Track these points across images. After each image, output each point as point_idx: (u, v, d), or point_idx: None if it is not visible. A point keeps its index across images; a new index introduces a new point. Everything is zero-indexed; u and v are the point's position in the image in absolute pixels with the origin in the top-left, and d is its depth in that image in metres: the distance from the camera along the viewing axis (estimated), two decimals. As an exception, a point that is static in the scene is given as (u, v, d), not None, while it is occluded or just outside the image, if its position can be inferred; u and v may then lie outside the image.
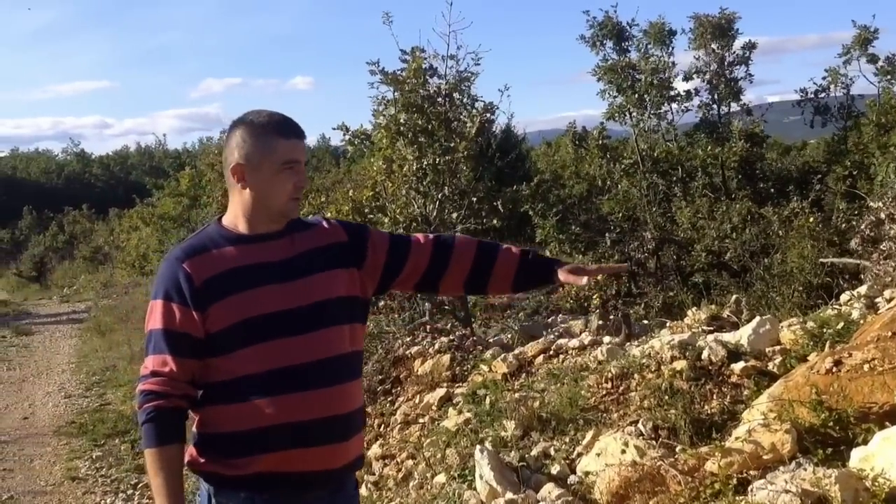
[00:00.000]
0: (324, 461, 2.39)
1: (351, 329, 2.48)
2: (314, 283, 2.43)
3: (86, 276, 27.83)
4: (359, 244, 2.55)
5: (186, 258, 2.38)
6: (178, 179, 23.02)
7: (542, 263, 2.65)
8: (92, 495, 6.49)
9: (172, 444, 2.33)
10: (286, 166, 2.39)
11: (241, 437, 2.35)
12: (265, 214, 2.43)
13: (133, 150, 64.19)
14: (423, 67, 7.91)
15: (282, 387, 2.33)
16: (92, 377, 11.23)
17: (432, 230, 7.79)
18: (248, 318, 2.34)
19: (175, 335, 2.34)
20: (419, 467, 5.58)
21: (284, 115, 2.47)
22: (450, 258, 2.62)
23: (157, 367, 2.35)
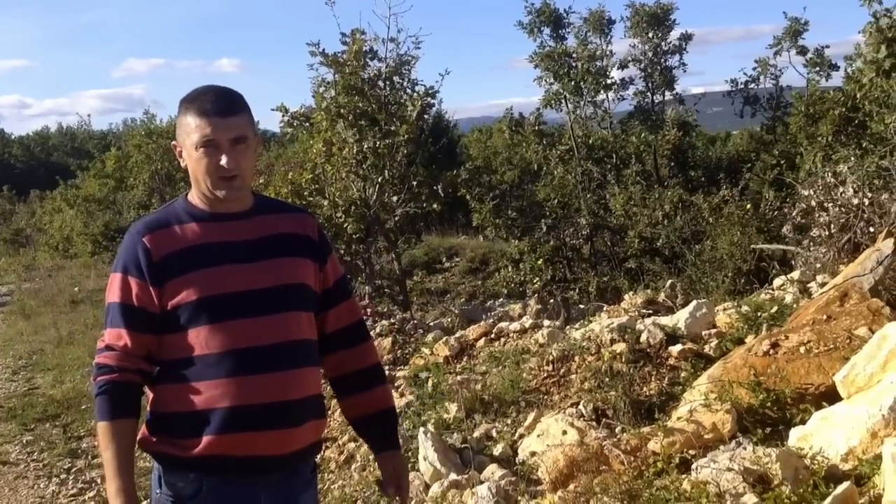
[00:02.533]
0: (274, 446, 2.34)
1: (308, 317, 2.44)
2: (278, 266, 2.38)
3: (6, 259, 27.06)
4: (323, 252, 2.52)
5: (147, 232, 2.33)
6: (104, 161, 22.54)
7: (384, 436, 2.64)
8: (24, 479, 6.32)
9: (124, 419, 2.29)
10: (203, 146, 2.29)
11: (191, 418, 2.30)
12: (205, 194, 2.36)
13: (54, 131, 62.54)
14: (363, 50, 7.85)
15: (236, 368, 2.28)
16: (18, 361, 10.91)
17: (372, 213, 7.78)
18: (205, 297, 2.29)
19: (131, 309, 2.31)
20: (361, 450, 5.57)
21: (215, 90, 2.36)
22: (355, 346, 2.60)
23: (112, 341, 2.32)
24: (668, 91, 18.80)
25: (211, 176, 2.29)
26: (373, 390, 2.61)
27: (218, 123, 2.27)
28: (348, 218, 7.61)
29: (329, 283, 2.53)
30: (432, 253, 14.41)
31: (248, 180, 2.39)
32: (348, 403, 2.64)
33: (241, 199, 2.38)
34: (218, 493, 2.32)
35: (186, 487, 2.32)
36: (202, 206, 2.38)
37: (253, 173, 2.43)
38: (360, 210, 7.74)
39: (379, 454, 2.65)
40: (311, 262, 2.47)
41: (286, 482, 2.41)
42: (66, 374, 9.66)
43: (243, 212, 2.40)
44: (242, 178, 2.33)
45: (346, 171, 7.84)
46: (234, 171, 2.30)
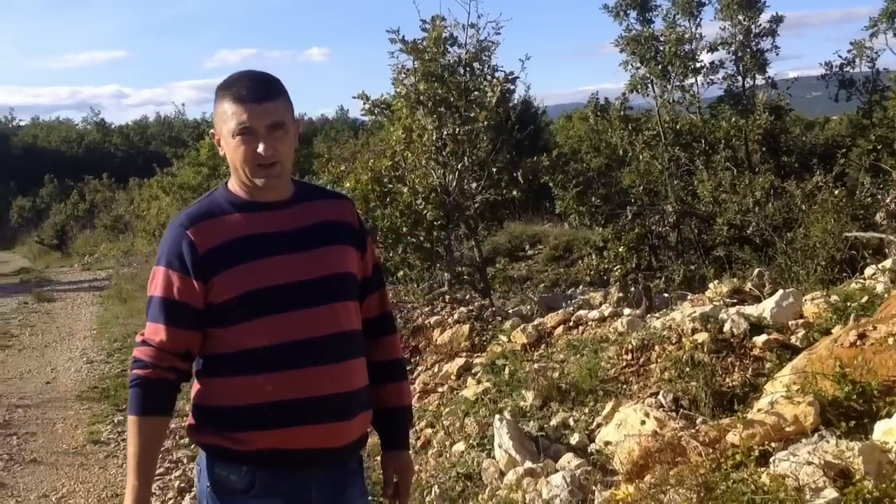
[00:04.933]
0: (327, 439, 2.32)
1: (355, 307, 2.42)
2: (324, 256, 2.35)
3: (106, 245, 27.99)
4: (363, 239, 2.50)
5: (191, 224, 2.29)
6: (198, 149, 23.06)
7: (393, 433, 2.63)
8: (114, 458, 6.53)
9: (153, 416, 2.28)
10: (240, 133, 2.25)
11: (244, 412, 2.28)
12: (245, 183, 2.32)
13: (152, 121, 64.32)
14: (443, 36, 7.83)
15: (287, 362, 2.26)
16: (113, 343, 11.29)
17: (451, 200, 7.77)
18: (253, 290, 2.26)
19: (173, 304, 2.28)
20: (438, 436, 5.59)
21: (251, 76, 2.32)
22: (379, 337, 2.57)
23: (149, 336, 2.30)
24: (759, 75, 18.28)
25: (249, 164, 2.25)
26: (388, 385, 2.58)
27: (254, 109, 2.23)
28: (428, 205, 7.61)
29: (368, 271, 2.51)
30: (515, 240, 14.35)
31: (287, 167, 2.33)
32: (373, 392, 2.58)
33: (280, 186, 2.34)
34: (270, 486, 2.32)
35: (240, 481, 2.31)
36: (243, 195, 2.34)
37: (292, 160, 2.36)
38: (440, 197, 7.73)
39: (385, 451, 2.63)
40: (354, 250, 2.44)
41: (335, 475, 2.41)
42: (157, 356, 9.92)
43: (284, 200, 2.36)
44: (281, 164, 2.28)
45: (426, 158, 7.85)
46: (272, 158, 2.25)
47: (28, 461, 6.50)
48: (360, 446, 2.49)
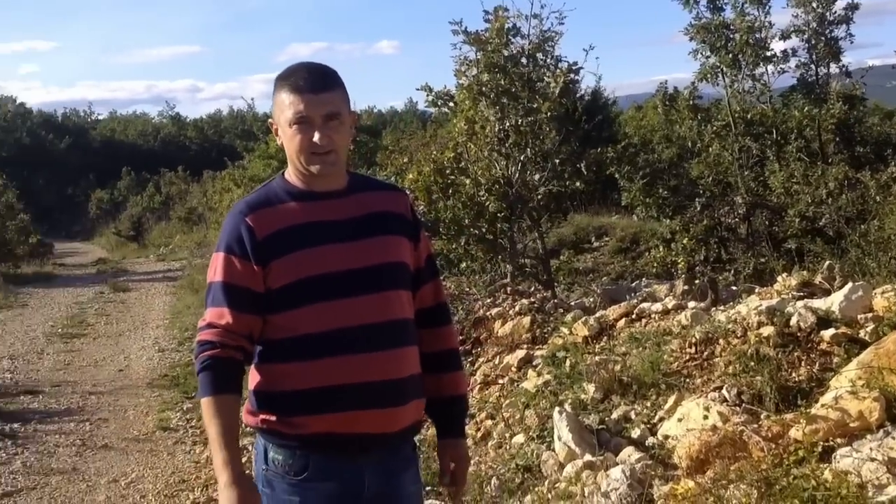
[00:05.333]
0: (380, 424, 2.36)
1: (407, 296, 2.47)
2: (377, 245, 2.40)
3: (181, 236, 28.56)
4: (416, 230, 2.55)
5: (250, 212, 2.35)
6: (267, 142, 23.36)
7: (449, 422, 2.67)
8: (182, 445, 6.69)
9: (227, 394, 2.31)
10: (296, 122, 2.30)
11: (296, 397, 2.33)
12: (301, 172, 2.37)
13: (225, 114, 65.35)
14: (505, 27, 7.80)
15: (341, 347, 2.31)
16: (184, 333, 11.53)
17: (514, 192, 7.75)
18: (308, 277, 2.32)
19: (234, 289, 2.33)
20: (498, 427, 5.60)
21: (308, 67, 2.37)
22: (435, 327, 2.61)
23: (214, 320, 2.34)
24: (833, 63, 17.77)
25: (304, 152, 2.31)
26: (444, 374, 2.61)
27: (311, 99, 2.29)
28: (490, 196, 7.60)
29: (421, 262, 2.55)
30: (581, 232, 14.25)
31: (342, 157, 2.38)
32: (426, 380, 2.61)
33: (335, 175, 2.39)
34: (324, 469, 2.36)
35: (294, 464, 2.36)
36: (299, 184, 2.40)
37: (347, 150, 2.42)
38: (503, 188, 7.71)
39: (441, 440, 2.66)
40: (407, 241, 2.49)
41: (388, 461, 2.44)
42: (225, 346, 10.12)
43: (339, 190, 2.41)
44: (336, 153, 2.33)
45: (489, 150, 7.83)
46: (327, 147, 2.30)
47: (100, 446, 6.69)
48: (413, 433, 2.54)
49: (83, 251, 31.67)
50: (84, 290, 17.62)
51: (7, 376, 9.30)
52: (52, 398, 8.26)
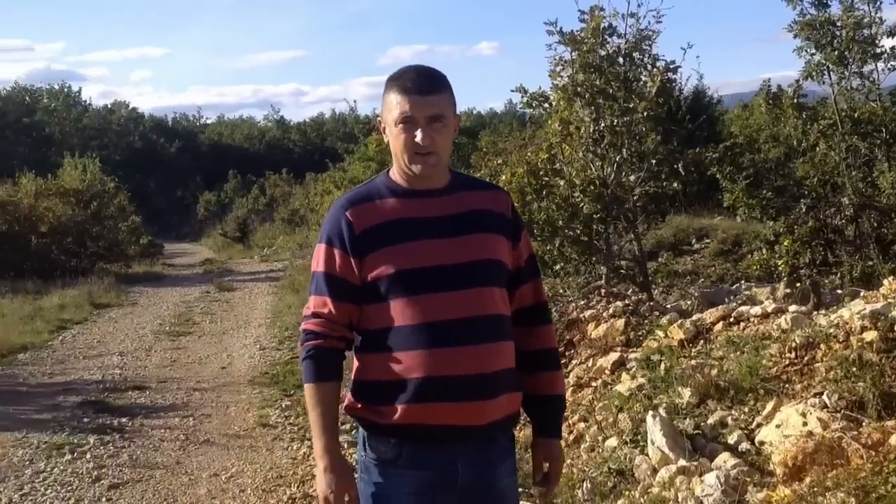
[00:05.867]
0: (468, 417, 2.42)
1: (501, 293, 2.51)
2: (474, 242, 2.46)
3: (283, 238, 29.18)
4: (516, 230, 2.59)
5: (350, 206, 2.47)
6: (367, 145, 23.67)
7: (545, 421, 2.70)
8: (280, 441, 6.84)
9: (328, 382, 2.46)
10: (401, 122, 2.40)
11: (388, 386, 2.42)
12: (404, 170, 2.47)
13: (328, 117, 66.49)
14: (601, 27, 7.73)
15: (431, 341, 2.38)
16: (285, 332, 11.81)
17: (609, 193, 7.67)
18: (402, 270, 2.41)
19: (334, 279, 2.46)
20: (591, 430, 5.56)
21: (417, 69, 2.46)
22: (533, 326, 2.66)
23: (317, 309, 2.48)
24: (946, 60, 16.96)
25: (407, 151, 2.40)
26: (541, 373, 2.66)
27: (417, 101, 2.38)
28: (585, 198, 7.54)
29: (520, 262, 2.60)
30: (681, 234, 13.99)
31: (444, 158, 2.47)
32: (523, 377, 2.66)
33: (436, 175, 2.48)
34: (416, 458, 2.45)
35: (388, 452, 2.46)
36: (402, 181, 2.49)
37: (449, 151, 2.50)
38: (598, 190, 7.64)
39: (537, 439, 2.71)
40: (506, 239, 2.53)
41: (483, 452, 2.50)
42: (323, 345, 10.30)
43: (440, 188, 2.50)
44: (437, 155, 2.42)
45: (583, 151, 7.77)
46: (429, 148, 2.39)
47: (202, 441, 6.90)
48: (510, 424, 2.59)
49: (191, 252, 32.69)
50: (191, 290, 18.21)
51: (117, 372, 9.68)
52: (158, 394, 8.57)
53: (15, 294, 16.04)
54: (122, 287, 18.36)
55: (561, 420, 2.76)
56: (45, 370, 9.99)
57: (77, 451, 6.67)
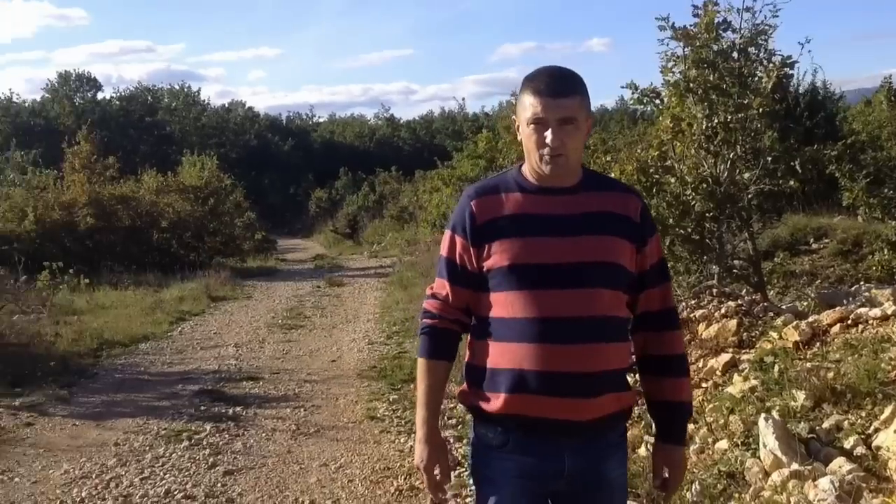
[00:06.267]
0: (569, 412, 2.45)
1: (615, 295, 2.52)
2: (593, 243, 2.48)
3: (392, 234, 29.52)
4: (643, 234, 2.58)
5: (476, 197, 2.56)
6: (476, 142, 23.72)
7: (668, 427, 2.70)
8: (387, 434, 6.94)
9: (437, 360, 2.61)
10: (533, 123, 2.45)
11: (493, 374, 2.50)
12: (534, 168, 2.52)
13: (437, 115, 66.96)
14: (715, 21, 7.56)
15: (536, 336, 2.42)
16: (393, 327, 11.96)
17: (722, 191, 7.50)
18: (515, 264, 2.46)
19: (454, 265, 2.58)
20: (700, 432, 5.46)
21: (551, 71, 2.50)
22: (660, 331, 2.66)
23: (437, 290, 2.64)
24: None
25: (537, 152, 2.46)
26: (666, 379, 2.66)
27: (549, 103, 2.43)
28: (697, 195, 7.39)
29: (645, 266, 2.59)
30: (798, 233, 13.55)
31: (573, 159, 2.50)
32: (644, 385, 2.71)
33: (565, 175, 2.52)
34: (522, 447, 2.51)
35: (495, 438, 2.54)
36: (531, 178, 2.55)
37: (580, 152, 2.53)
38: (710, 187, 7.48)
39: (658, 444, 2.72)
40: (629, 243, 2.53)
41: (590, 446, 2.53)
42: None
43: (568, 187, 2.53)
44: (567, 156, 2.46)
45: (696, 148, 7.61)
46: (559, 150, 2.44)
47: (312, 432, 7.06)
48: (620, 421, 2.61)
49: (303, 247, 33.43)
50: (302, 284, 18.63)
51: (232, 363, 9.99)
52: (270, 385, 8.80)
53: (137, 287, 16.71)
54: (237, 281, 18.91)
55: (685, 427, 2.75)
56: (165, 360, 10.39)
57: (194, 437, 6.91)
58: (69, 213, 20.40)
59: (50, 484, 5.92)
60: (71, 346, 10.74)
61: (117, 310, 13.85)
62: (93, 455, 6.54)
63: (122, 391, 8.70)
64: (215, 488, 5.80)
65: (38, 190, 21.86)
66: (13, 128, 51.87)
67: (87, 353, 10.57)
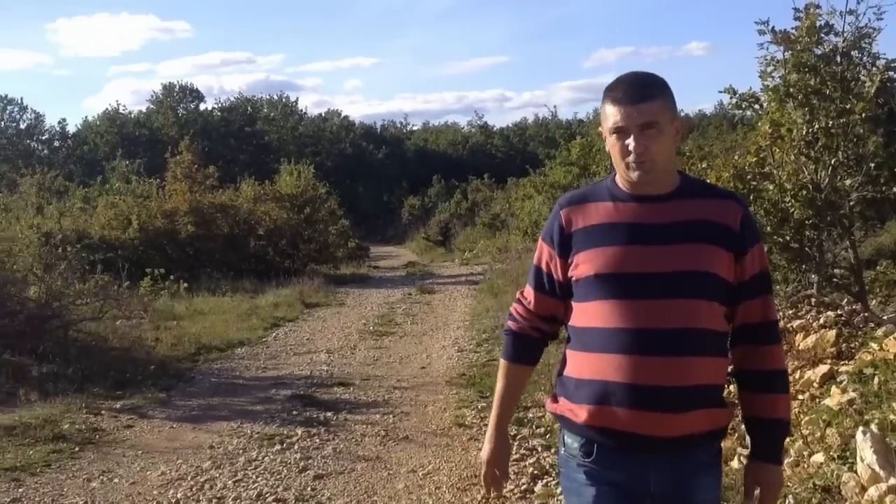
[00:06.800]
0: (653, 427, 2.38)
1: (709, 306, 2.41)
2: (683, 252, 2.40)
3: (484, 242, 29.54)
4: (742, 244, 2.46)
5: (566, 206, 2.56)
6: (569, 149, 23.57)
7: (762, 444, 2.57)
8: (476, 441, 6.91)
9: (514, 363, 2.71)
10: (614, 132, 2.42)
11: (579, 384, 2.46)
12: (623, 177, 2.47)
13: (531, 122, 66.87)
14: (817, 25, 7.36)
15: (621, 346, 2.37)
16: (482, 334, 11.95)
17: (823, 198, 7.28)
18: (602, 274, 2.43)
19: (541, 273, 2.62)
20: (796, 444, 5.31)
21: (629, 79, 2.46)
22: (757, 345, 2.53)
23: (523, 296, 2.69)
24: None
25: (623, 160, 2.42)
26: (762, 395, 2.54)
27: (628, 111, 2.38)
28: (796, 203, 7.18)
29: (744, 277, 2.47)
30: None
31: (660, 163, 2.42)
32: (740, 399, 2.61)
33: (655, 181, 2.45)
34: (609, 458, 2.46)
35: (581, 449, 2.50)
36: (623, 187, 2.50)
37: (668, 156, 2.45)
38: (810, 194, 7.26)
39: (751, 461, 2.61)
40: (725, 252, 2.43)
41: (678, 464, 2.44)
42: (520, 349, 10.35)
43: (662, 195, 2.46)
44: (652, 162, 2.40)
45: (795, 154, 7.40)
46: (643, 157, 2.38)
47: (401, 438, 7.10)
48: (711, 440, 2.50)
49: (395, 254, 33.75)
50: (394, 292, 18.79)
51: (324, 369, 10.14)
52: (361, 390, 8.89)
53: (234, 293, 17.10)
54: (330, 287, 19.19)
55: (780, 445, 2.59)
56: (260, 364, 10.60)
57: (286, 441, 7.02)
58: (171, 221, 21.02)
59: (147, 485, 6.09)
60: (170, 351, 11.06)
61: (215, 315, 14.20)
62: (189, 457, 6.70)
63: (218, 395, 8.91)
64: (305, 492, 5.88)
65: (141, 199, 22.59)
66: (119, 138, 53.88)
67: (185, 357, 10.87)
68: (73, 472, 6.38)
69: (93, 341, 10.85)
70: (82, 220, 20.70)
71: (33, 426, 7.31)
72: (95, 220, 20.80)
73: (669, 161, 2.47)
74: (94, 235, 18.62)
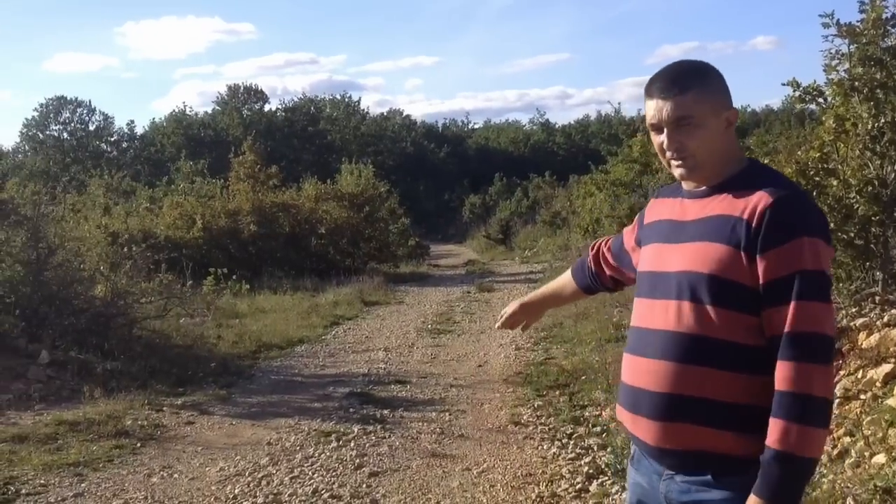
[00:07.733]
0: (643, 432, 2.34)
1: (717, 312, 2.18)
2: (691, 251, 2.27)
3: (544, 240, 29.39)
4: (760, 241, 2.15)
5: (655, 198, 2.61)
6: (630, 146, 23.32)
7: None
8: (531, 440, 6.91)
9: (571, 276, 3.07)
10: (651, 128, 2.36)
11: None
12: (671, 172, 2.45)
13: (593, 119, 66.36)
14: (883, 17, 7.15)
15: (631, 346, 2.42)
16: (540, 333, 11.89)
17: (889, 194, 7.08)
18: (639, 272, 2.50)
19: (621, 240, 2.81)
20: (857, 445, 5.18)
21: (665, 71, 2.33)
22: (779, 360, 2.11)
23: (605, 243, 2.93)
24: None
25: (661, 156, 2.36)
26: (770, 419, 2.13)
27: (659, 106, 2.29)
28: (861, 199, 7.00)
29: (763, 279, 2.15)
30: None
31: (702, 158, 2.28)
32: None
33: (701, 177, 2.33)
34: (637, 461, 2.50)
35: (630, 448, 2.58)
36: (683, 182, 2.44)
37: (710, 151, 2.27)
38: (876, 190, 7.08)
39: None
40: (733, 250, 2.17)
41: (683, 476, 2.29)
42: (578, 346, 10.34)
43: (703, 190, 2.35)
44: (693, 157, 2.28)
45: (860, 149, 7.21)
46: (680, 153, 2.28)
47: (457, 436, 7.11)
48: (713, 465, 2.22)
49: (456, 253, 33.76)
50: (453, 290, 18.81)
51: (381, 366, 10.19)
52: (417, 388, 8.92)
53: (295, 291, 17.27)
54: (390, 286, 19.27)
55: (773, 480, 2.07)
56: (318, 362, 10.70)
57: (342, 438, 7.08)
58: (234, 221, 21.30)
59: (206, 481, 6.19)
60: (231, 349, 11.23)
61: (276, 314, 14.37)
62: (247, 453, 6.79)
63: (277, 392, 9.01)
64: (360, 489, 5.91)
65: (205, 198, 22.95)
66: (185, 139, 54.83)
67: (246, 355, 11.03)
68: (134, 467, 6.52)
69: (156, 339, 11.07)
70: (148, 220, 21.10)
71: (97, 422, 7.48)
72: (161, 220, 21.19)
73: (714, 154, 2.27)
74: (159, 235, 18.93)
